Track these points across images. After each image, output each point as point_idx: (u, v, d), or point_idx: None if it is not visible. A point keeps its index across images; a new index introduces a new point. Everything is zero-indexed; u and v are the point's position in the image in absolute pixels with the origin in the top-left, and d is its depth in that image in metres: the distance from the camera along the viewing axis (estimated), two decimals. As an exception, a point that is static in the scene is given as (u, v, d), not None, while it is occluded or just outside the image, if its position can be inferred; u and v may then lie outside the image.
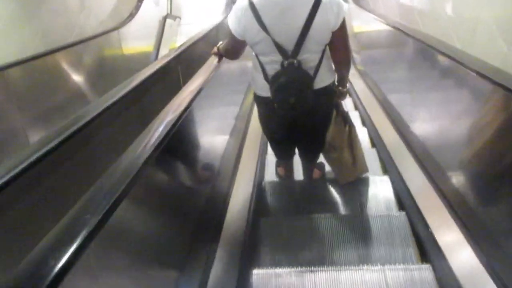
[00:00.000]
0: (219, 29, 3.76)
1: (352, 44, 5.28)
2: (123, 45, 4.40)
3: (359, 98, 3.56)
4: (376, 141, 2.76)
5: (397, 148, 2.43)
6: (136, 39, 4.88)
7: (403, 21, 2.83)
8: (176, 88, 1.56)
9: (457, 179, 1.74)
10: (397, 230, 1.88)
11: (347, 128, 2.15)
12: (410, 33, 2.30)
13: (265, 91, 1.76)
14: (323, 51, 1.69)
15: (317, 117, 1.92)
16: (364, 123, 3.20)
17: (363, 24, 4.30)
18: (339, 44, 1.70)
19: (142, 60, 4.56)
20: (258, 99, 1.89)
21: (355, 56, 4.58)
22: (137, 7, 5.00)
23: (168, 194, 1.36)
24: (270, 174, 2.58)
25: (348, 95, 2.89)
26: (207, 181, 1.88)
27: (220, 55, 2.07)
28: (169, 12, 6.61)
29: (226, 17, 4.08)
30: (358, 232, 1.89)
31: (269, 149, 2.70)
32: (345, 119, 2.14)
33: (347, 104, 3.59)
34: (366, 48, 4.31)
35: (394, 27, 2.70)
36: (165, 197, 1.32)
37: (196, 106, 1.69)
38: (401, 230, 1.87)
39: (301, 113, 1.74)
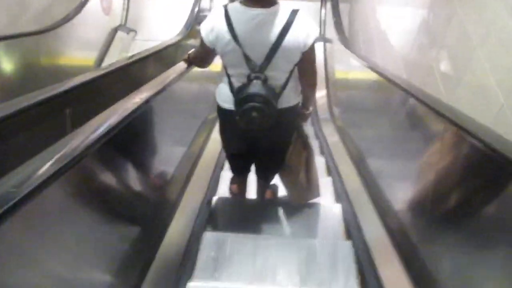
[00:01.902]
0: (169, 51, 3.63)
1: (331, 93, 4.88)
2: (46, 53, 3.87)
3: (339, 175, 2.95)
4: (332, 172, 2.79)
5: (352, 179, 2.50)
6: (68, 49, 4.34)
7: (411, 80, 2.44)
8: (53, 138, 1.14)
9: (404, 219, 1.86)
10: (341, 259, 1.95)
11: (305, 151, 2.22)
12: (416, 94, 2.01)
13: (229, 103, 1.81)
14: (291, 72, 1.79)
15: (278, 137, 1.99)
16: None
17: (349, 70, 4.05)
18: (307, 66, 1.82)
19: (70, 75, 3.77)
20: (221, 110, 1.93)
21: (334, 109, 4.32)
22: (77, 10, 4.41)
23: (107, 197, 1.33)
24: (223, 190, 2.63)
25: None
26: (156, 189, 1.92)
27: (189, 63, 2.18)
28: (122, 23, 6.05)
29: (183, 37, 4.12)
30: (303, 256, 1.95)
31: (226, 165, 2.77)
32: (305, 142, 2.20)
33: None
34: (349, 101, 3.92)
35: (394, 83, 2.39)
36: (103, 199, 1.29)
37: (154, 111, 1.77)
38: (345, 259, 1.93)
39: (262, 130, 1.79)
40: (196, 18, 4.35)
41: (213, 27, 1.68)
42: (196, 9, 4.41)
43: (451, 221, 1.42)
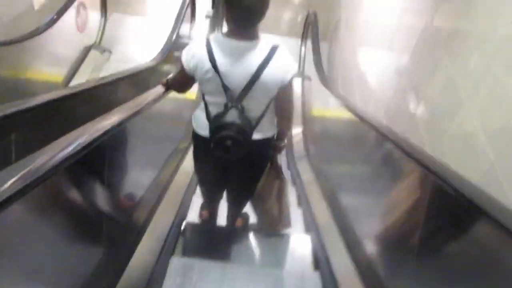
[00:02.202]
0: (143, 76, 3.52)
1: (308, 130, 4.90)
2: (9, 67, 3.68)
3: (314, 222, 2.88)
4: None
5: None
6: (36, 63, 4.14)
7: (392, 126, 2.32)
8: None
9: (371, 253, 1.92)
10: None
11: (278, 181, 2.29)
12: (390, 136, 2.03)
13: (204, 130, 1.86)
14: (268, 104, 1.84)
15: (251, 166, 2.05)
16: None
17: (327, 109, 4.14)
18: (284, 100, 1.89)
19: (33, 90, 3.76)
20: (196, 137, 1.98)
21: (310, 147, 4.32)
22: (49, 25, 4.20)
23: (70, 217, 1.33)
24: (193, 215, 2.69)
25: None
26: (124, 211, 1.92)
27: (167, 87, 2.23)
28: (97, 42, 5.84)
29: (159, 63, 4.03)
30: (270, 286, 1.98)
31: (196, 190, 2.84)
32: (278, 173, 2.27)
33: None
34: (325, 139, 3.93)
35: (370, 124, 2.43)
36: (67, 219, 1.30)
37: (126, 133, 1.81)
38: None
39: (235, 159, 1.85)
40: (173, 44, 4.17)
41: (194, 55, 1.77)
42: (174, 35, 4.24)
43: (414, 257, 1.51)
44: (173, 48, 4.42)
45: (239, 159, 1.82)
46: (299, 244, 2.43)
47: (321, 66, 4.59)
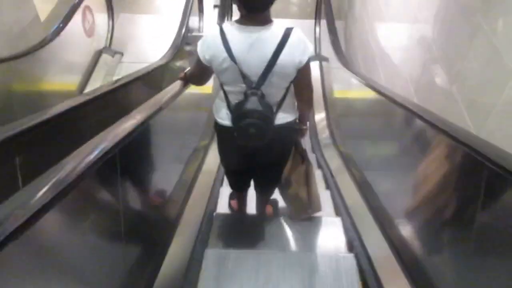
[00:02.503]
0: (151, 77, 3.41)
1: (331, 113, 4.71)
2: (20, 80, 3.63)
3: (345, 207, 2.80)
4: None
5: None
6: (47, 74, 4.04)
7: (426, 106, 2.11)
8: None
9: (406, 232, 1.95)
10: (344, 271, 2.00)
11: (304, 165, 2.31)
12: (420, 113, 1.92)
13: (226, 120, 1.91)
14: (287, 88, 1.86)
15: (275, 153, 2.09)
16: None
17: (349, 90, 3.97)
18: (303, 82, 1.88)
19: (50, 100, 3.70)
20: (218, 127, 2.02)
21: (335, 132, 4.16)
22: (57, 32, 4.17)
23: (106, 219, 1.40)
24: (223, 206, 2.70)
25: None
26: (156, 207, 2.00)
27: (186, 81, 2.26)
28: (107, 45, 5.80)
29: (169, 60, 3.92)
30: (306, 270, 2.03)
31: (224, 181, 2.90)
32: (303, 156, 2.29)
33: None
34: (350, 121, 3.80)
35: (395, 101, 2.30)
36: (103, 222, 1.36)
37: (153, 130, 1.85)
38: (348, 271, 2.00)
39: (260, 146, 1.89)
40: (183, 39, 4.00)
41: (209, 45, 1.79)
42: (183, 29, 4.07)
43: (449, 230, 1.54)
44: (183, 42, 4.24)
45: (263, 146, 1.86)
46: (331, 226, 2.46)
47: (339, 46, 4.35)
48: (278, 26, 1.77)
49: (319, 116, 4.63)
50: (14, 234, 0.78)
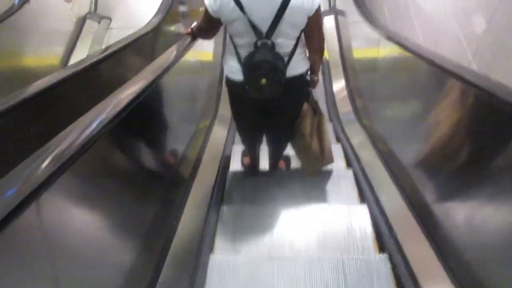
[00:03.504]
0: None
1: (351, 78, 4.09)
2: None
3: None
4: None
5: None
6: (20, 45, 3.51)
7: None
8: None
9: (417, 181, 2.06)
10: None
11: (316, 117, 2.40)
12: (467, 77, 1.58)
13: (237, 74, 2.02)
14: (298, 38, 1.97)
15: (288, 105, 2.21)
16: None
17: (373, 48, 3.29)
18: (313, 30, 1.96)
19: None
20: (229, 82, 2.16)
21: (357, 101, 3.77)
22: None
23: (126, 181, 1.53)
24: (236, 165, 2.82)
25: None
26: (171, 166, 2.20)
27: (193, 36, 2.37)
28: (92, 10, 5.05)
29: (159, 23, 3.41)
30: (320, 223, 2.16)
31: (236, 139, 3.07)
32: (315, 108, 2.39)
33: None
34: (376, 87, 3.27)
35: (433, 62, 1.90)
36: (122, 181, 1.49)
37: (163, 91, 1.98)
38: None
39: (271, 98, 1.98)
40: (174, -1, 3.37)
41: None
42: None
43: (462, 179, 1.58)
44: (175, 3, 3.53)
45: (275, 98, 1.99)
46: (343, 179, 2.63)
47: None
48: None
49: (338, 85, 4.28)
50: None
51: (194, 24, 2.31)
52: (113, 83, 1.57)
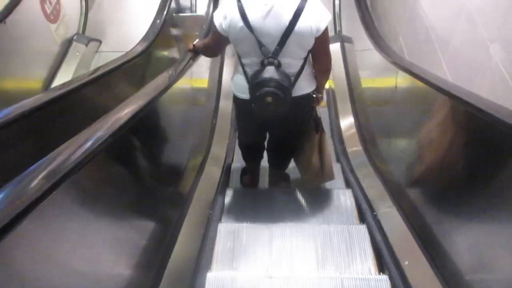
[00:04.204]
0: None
1: (360, 113, 3.61)
2: None
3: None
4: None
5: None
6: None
7: None
8: None
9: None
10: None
11: (318, 133, 2.46)
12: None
13: (244, 93, 2.13)
14: (305, 59, 2.06)
15: (293, 125, 2.28)
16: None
17: (386, 80, 2.97)
18: (320, 51, 2.02)
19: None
20: (236, 100, 2.29)
21: (365, 135, 3.37)
22: (5, 14, 3.26)
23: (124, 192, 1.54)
24: (235, 182, 2.89)
25: None
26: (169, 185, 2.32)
27: (195, 52, 2.46)
28: (80, 31, 4.69)
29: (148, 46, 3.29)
30: (319, 241, 2.20)
31: (235, 158, 3.23)
32: (318, 124, 2.45)
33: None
34: (391, 124, 2.78)
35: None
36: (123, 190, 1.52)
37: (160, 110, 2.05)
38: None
39: (277, 117, 2.08)
40: (164, 22, 2.92)
41: (225, 15, 1.99)
42: (166, 9, 2.94)
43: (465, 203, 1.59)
44: (166, 25, 3.16)
45: (281, 118, 2.08)
46: (342, 197, 2.68)
47: (371, 23, 3.18)
48: None
49: (346, 121, 3.83)
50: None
51: (197, 41, 2.41)
52: (85, 114, 1.58)
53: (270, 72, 1.85)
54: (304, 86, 2.03)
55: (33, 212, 0.82)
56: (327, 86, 3.86)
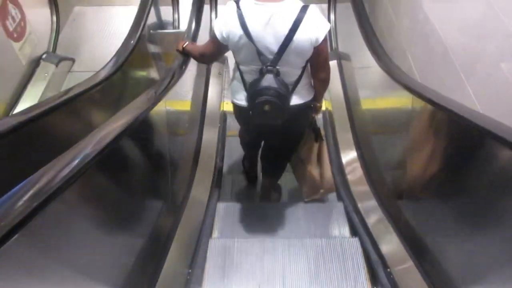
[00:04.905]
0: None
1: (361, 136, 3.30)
2: None
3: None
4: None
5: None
6: None
7: None
8: None
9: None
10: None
11: (317, 143, 2.32)
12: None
13: (242, 100, 2.16)
14: (304, 68, 2.06)
15: (290, 133, 2.22)
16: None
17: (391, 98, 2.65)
18: (319, 60, 2.01)
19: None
20: (235, 108, 2.29)
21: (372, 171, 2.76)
22: None
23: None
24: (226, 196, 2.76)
25: None
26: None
27: (186, 55, 2.38)
28: (50, 50, 4.22)
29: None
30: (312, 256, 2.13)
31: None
32: (317, 134, 2.30)
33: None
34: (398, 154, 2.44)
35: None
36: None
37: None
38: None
39: (274, 125, 2.05)
40: (139, 39, 2.45)
41: (225, 23, 2.00)
42: (141, 25, 2.51)
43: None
44: (141, 43, 2.74)
45: (279, 126, 2.06)
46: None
47: (375, 40, 2.77)
48: (294, 3, 1.94)
49: (348, 156, 3.25)
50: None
51: (187, 43, 2.32)
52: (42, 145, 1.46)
53: (268, 80, 1.84)
54: (301, 96, 2.03)
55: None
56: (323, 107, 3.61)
